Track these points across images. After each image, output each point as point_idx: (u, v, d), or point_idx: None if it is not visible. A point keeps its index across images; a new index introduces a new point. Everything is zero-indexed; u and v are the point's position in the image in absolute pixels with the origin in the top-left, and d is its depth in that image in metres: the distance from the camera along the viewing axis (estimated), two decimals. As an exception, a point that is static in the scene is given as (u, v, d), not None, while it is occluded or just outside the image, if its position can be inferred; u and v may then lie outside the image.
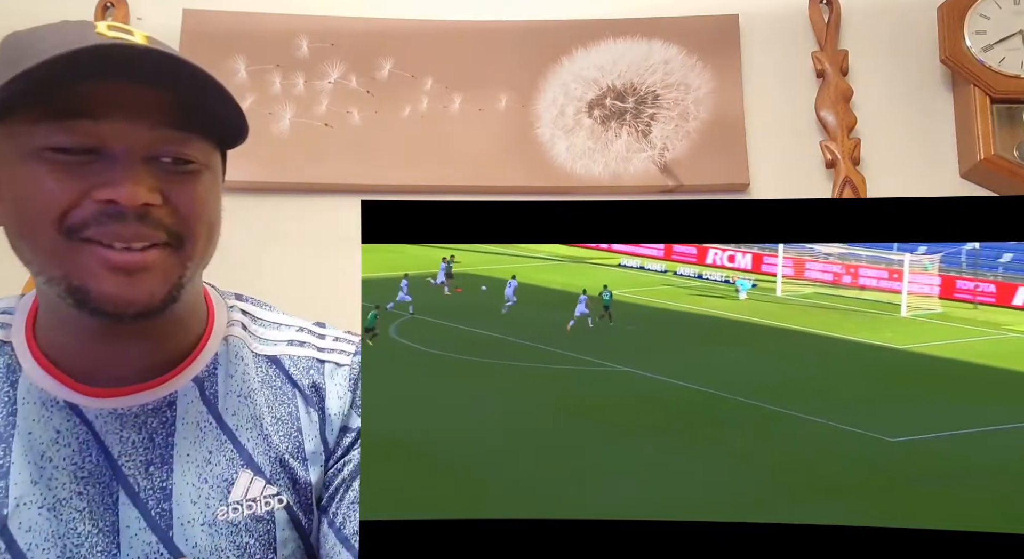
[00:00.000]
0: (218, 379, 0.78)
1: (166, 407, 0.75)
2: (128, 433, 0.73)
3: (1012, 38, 1.64)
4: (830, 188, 1.66)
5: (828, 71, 1.69)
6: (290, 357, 0.83)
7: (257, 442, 0.78)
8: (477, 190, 1.65)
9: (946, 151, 1.69)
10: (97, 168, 0.65)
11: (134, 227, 0.65)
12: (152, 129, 0.66)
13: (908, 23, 1.73)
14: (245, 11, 1.68)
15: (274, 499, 0.77)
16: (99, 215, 0.64)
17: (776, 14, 1.75)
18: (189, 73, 0.66)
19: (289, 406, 0.81)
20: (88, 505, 0.71)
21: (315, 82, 1.67)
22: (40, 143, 0.64)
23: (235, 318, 0.83)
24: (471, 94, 1.68)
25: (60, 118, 0.63)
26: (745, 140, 1.67)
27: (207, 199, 0.71)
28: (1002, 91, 1.62)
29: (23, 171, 0.64)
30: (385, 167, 1.65)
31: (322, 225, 1.63)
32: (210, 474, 0.75)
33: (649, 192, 1.66)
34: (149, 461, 0.74)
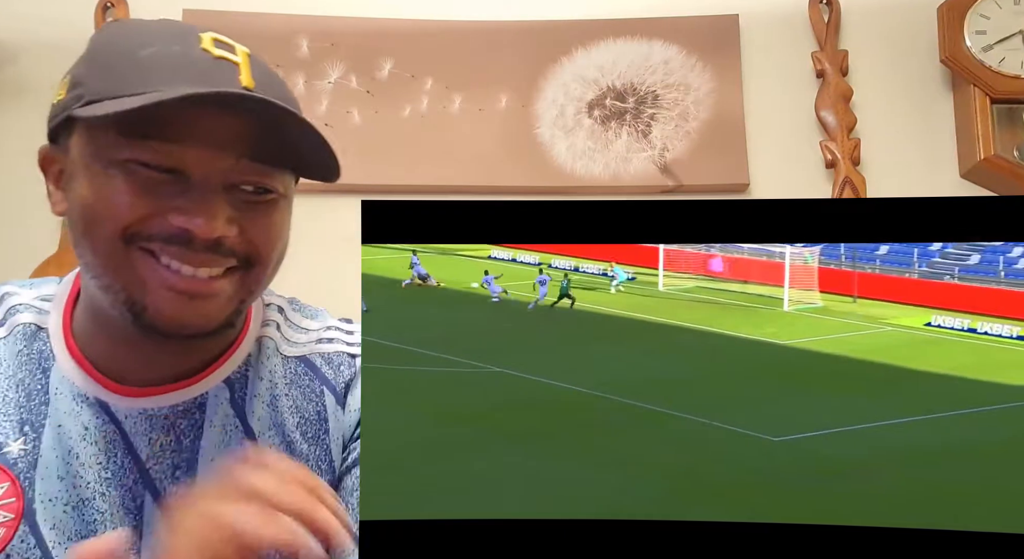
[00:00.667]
0: (248, 381, 0.77)
1: (195, 408, 0.74)
2: (157, 434, 0.72)
3: (1012, 38, 1.64)
4: (830, 188, 1.66)
5: (828, 71, 1.69)
6: (321, 355, 0.81)
7: (281, 448, 0.76)
8: (477, 190, 1.65)
9: (946, 151, 1.69)
10: (176, 190, 0.63)
11: (204, 256, 0.64)
12: (238, 160, 0.64)
13: (908, 23, 1.73)
14: (245, 11, 1.68)
15: None
16: (170, 237, 0.63)
17: (776, 14, 1.75)
18: (298, 127, 0.64)
19: (317, 404, 0.78)
20: (110, 508, 0.70)
21: (315, 82, 1.67)
22: (122, 155, 0.62)
23: (270, 318, 0.82)
24: (471, 94, 1.68)
25: (147, 138, 0.62)
26: (745, 140, 1.67)
27: (282, 227, 0.71)
28: (1002, 91, 1.62)
29: (100, 175, 0.63)
30: (385, 167, 1.65)
31: (322, 225, 1.63)
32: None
33: (649, 192, 1.66)
34: (176, 465, 0.72)
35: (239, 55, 0.66)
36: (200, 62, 0.63)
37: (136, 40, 0.64)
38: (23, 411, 0.70)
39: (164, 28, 0.67)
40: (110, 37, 0.67)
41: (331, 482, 0.77)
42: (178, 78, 0.62)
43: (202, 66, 0.63)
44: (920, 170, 1.68)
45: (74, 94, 0.64)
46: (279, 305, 0.84)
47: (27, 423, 0.70)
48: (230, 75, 0.64)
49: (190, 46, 0.64)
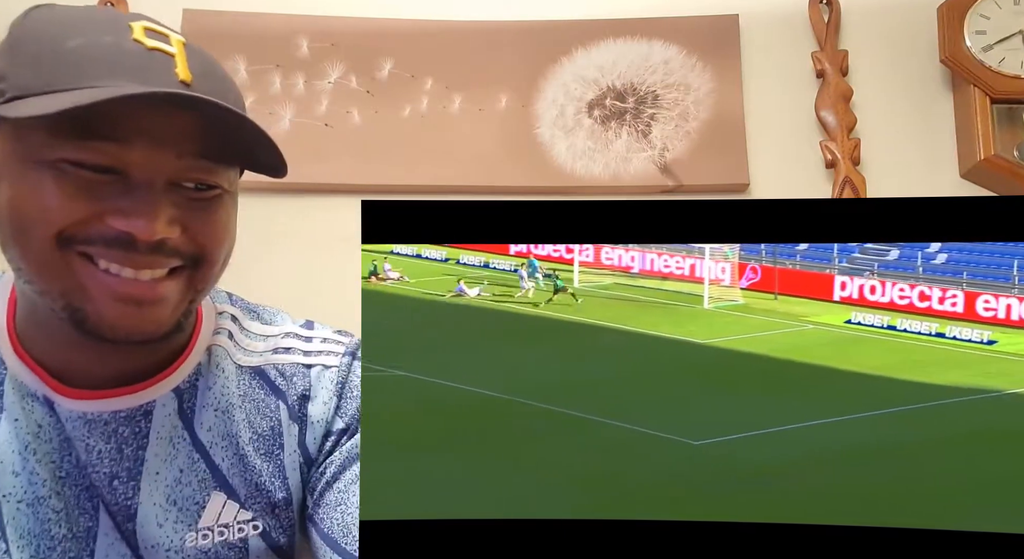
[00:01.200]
0: (197, 391, 0.72)
1: (141, 417, 0.69)
2: (95, 441, 0.68)
3: (1012, 38, 1.64)
4: (830, 188, 1.66)
5: (828, 71, 1.69)
6: (275, 366, 0.77)
7: (232, 462, 0.72)
8: (477, 190, 1.65)
9: (946, 151, 1.69)
10: (114, 190, 0.59)
11: (146, 258, 0.61)
12: (180, 158, 0.61)
13: (908, 23, 1.73)
14: (245, 11, 1.68)
15: (248, 525, 0.72)
16: (109, 240, 0.59)
17: (776, 14, 1.75)
18: (238, 122, 0.61)
19: (272, 420, 0.75)
20: (65, 507, 0.67)
21: (315, 82, 1.67)
22: (55, 155, 0.58)
23: (222, 326, 0.78)
24: (471, 94, 1.68)
25: (82, 137, 0.58)
26: (745, 140, 1.67)
27: (228, 224, 0.68)
28: (1002, 91, 1.61)
29: (28, 175, 0.59)
30: (385, 167, 1.65)
31: (322, 225, 1.63)
32: (179, 496, 0.70)
33: (649, 192, 1.66)
34: (114, 474, 0.68)
35: (174, 45, 0.62)
36: (133, 54, 0.59)
37: (63, 30, 0.59)
38: None
39: (91, 16, 0.62)
40: (33, 26, 0.61)
41: (283, 498, 0.74)
42: (111, 72, 0.58)
43: (136, 59, 0.59)
44: (920, 170, 1.68)
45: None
46: (232, 314, 0.80)
47: None
48: (165, 68, 0.60)
49: (121, 36, 0.60)
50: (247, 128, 0.61)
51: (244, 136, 0.62)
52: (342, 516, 0.72)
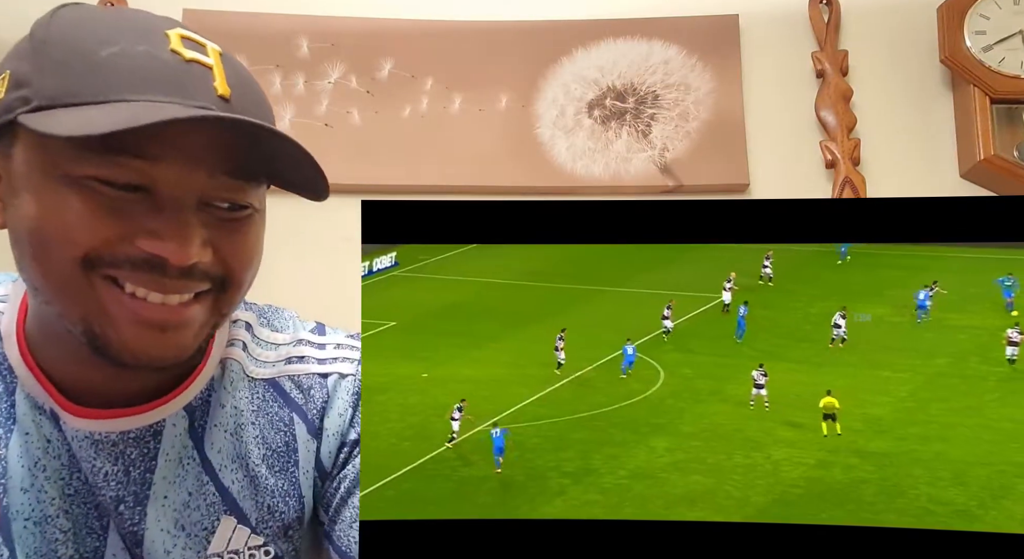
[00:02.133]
0: (210, 407, 0.69)
1: (150, 437, 0.66)
2: (101, 462, 0.64)
3: (1012, 38, 1.64)
4: (830, 188, 1.66)
5: (828, 71, 1.69)
6: (290, 377, 0.73)
7: (243, 484, 0.69)
8: (477, 190, 1.65)
9: (946, 151, 1.69)
10: (143, 210, 0.56)
11: (176, 282, 0.57)
12: (212, 176, 0.57)
13: (908, 23, 1.73)
14: (245, 11, 1.68)
15: (260, 551, 0.69)
16: (137, 262, 0.56)
17: (776, 14, 1.75)
18: (278, 140, 0.57)
19: (286, 435, 0.71)
20: (73, 526, 0.64)
21: (315, 82, 1.67)
22: (81, 171, 0.54)
23: (237, 336, 0.74)
24: (471, 94, 1.68)
25: (110, 153, 0.54)
26: (745, 140, 1.67)
27: (257, 245, 0.64)
28: (1002, 91, 1.61)
29: (52, 192, 0.55)
30: (385, 167, 1.65)
31: (322, 225, 1.63)
32: (188, 520, 0.67)
33: (649, 192, 1.66)
34: (120, 498, 0.65)
35: (211, 56, 0.58)
36: (170, 66, 0.55)
37: (94, 35, 0.55)
38: None
39: (127, 21, 0.58)
40: (61, 29, 0.56)
41: (296, 518, 0.71)
42: (146, 85, 0.54)
43: (173, 72, 0.55)
44: (920, 170, 1.68)
45: (18, 95, 0.55)
46: (247, 321, 0.76)
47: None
48: (205, 82, 0.56)
49: (158, 46, 0.56)
50: (287, 148, 0.57)
51: (280, 155, 0.59)
52: (359, 534, 0.69)
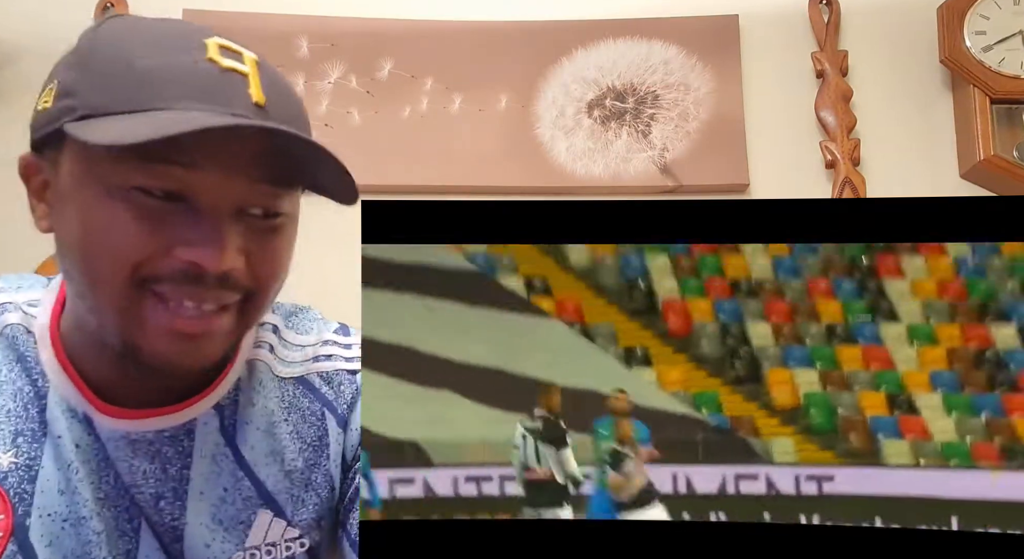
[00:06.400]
0: (239, 407, 0.70)
1: (184, 435, 0.68)
2: (140, 461, 0.66)
3: (1012, 38, 1.64)
4: (830, 188, 1.66)
5: (828, 71, 1.69)
6: (319, 374, 0.75)
7: (278, 478, 0.70)
8: (477, 190, 1.65)
9: (946, 151, 1.69)
10: (181, 219, 0.57)
11: (213, 292, 0.59)
12: (248, 184, 0.59)
13: (908, 23, 1.73)
14: (245, 11, 1.68)
15: (296, 543, 0.70)
16: (178, 274, 0.57)
17: (776, 14, 1.75)
18: (313, 150, 0.58)
19: (319, 428, 0.73)
20: (106, 528, 0.65)
21: (315, 82, 1.67)
22: (124, 180, 0.56)
23: (263, 339, 0.75)
24: (471, 94, 1.68)
25: (148, 161, 0.55)
26: (745, 140, 1.67)
27: (287, 254, 0.65)
28: (1002, 91, 1.61)
29: (100, 202, 0.56)
30: (385, 167, 1.65)
31: (322, 225, 1.63)
32: (225, 515, 0.68)
33: (649, 192, 1.66)
34: (160, 494, 0.67)
35: (247, 64, 0.59)
36: (207, 75, 0.57)
37: (135, 45, 0.57)
38: (17, 421, 0.65)
39: (167, 31, 0.60)
40: (105, 40, 0.59)
41: (330, 505, 0.73)
42: (185, 93, 0.56)
43: (209, 80, 0.57)
44: (920, 170, 1.68)
45: (64, 105, 0.57)
46: (274, 324, 0.77)
47: (21, 434, 0.64)
48: (240, 90, 0.58)
49: (196, 55, 0.58)
50: (320, 156, 0.58)
51: (314, 163, 0.60)
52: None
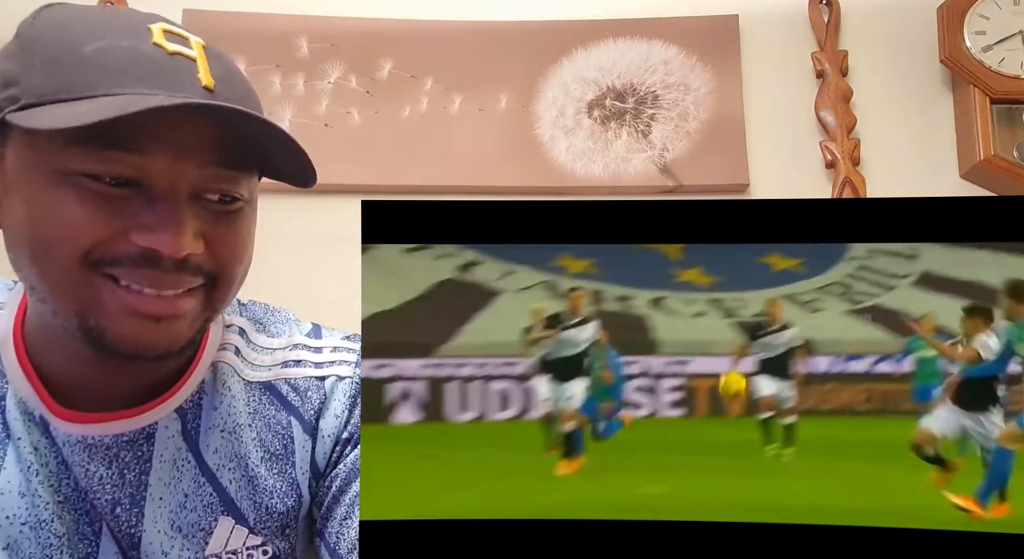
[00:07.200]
0: (202, 410, 0.69)
1: (143, 440, 0.66)
2: (96, 466, 0.65)
3: (1012, 38, 1.64)
4: (830, 188, 1.66)
5: (828, 71, 1.69)
6: (286, 380, 0.74)
7: (241, 484, 0.69)
8: (477, 190, 1.65)
9: (946, 151, 1.69)
10: (136, 204, 0.57)
11: (170, 276, 0.58)
12: (202, 167, 0.58)
13: (908, 23, 1.73)
14: (245, 11, 1.68)
15: (258, 551, 0.70)
16: (134, 258, 0.57)
17: (776, 14, 1.75)
18: (266, 128, 0.59)
19: (284, 437, 0.72)
20: (67, 532, 0.64)
21: (315, 82, 1.67)
22: (72, 167, 0.55)
23: (229, 341, 0.74)
24: (471, 94, 1.68)
25: (101, 147, 0.55)
26: (745, 140, 1.67)
27: (248, 238, 0.65)
28: (1002, 91, 1.61)
29: (46, 191, 0.56)
30: (385, 167, 1.65)
31: (322, 225, 1.63)
32: (184, 521, 0.67)
33: (649, 192, 1.66)
34: (116, 500, 0.65)
35: (194, 48, 0.59)
36: (154, 59, 0.57)
37: (79, 32, 0.57)
38: None
39: (108, 18, 0.60)
40: (46, 27, 0.58)
41: (295, 514, 0.72)
42: (131, 78, 0.55)
43: (157, 64, 0.56)
44: (920, 170, 1.68)
45: (7, 94, 0.56)
46: (241, 327, 0.76)
47: None
48: (189, 73, 0.58)
49: (141, 40, 0.57)
50: (274, 136, 0.59)
51: (268, 144, 0.60)
52: (347, 531, 0.70)
